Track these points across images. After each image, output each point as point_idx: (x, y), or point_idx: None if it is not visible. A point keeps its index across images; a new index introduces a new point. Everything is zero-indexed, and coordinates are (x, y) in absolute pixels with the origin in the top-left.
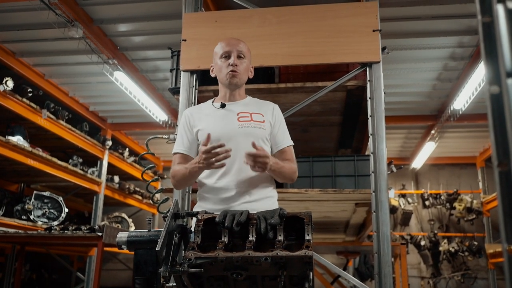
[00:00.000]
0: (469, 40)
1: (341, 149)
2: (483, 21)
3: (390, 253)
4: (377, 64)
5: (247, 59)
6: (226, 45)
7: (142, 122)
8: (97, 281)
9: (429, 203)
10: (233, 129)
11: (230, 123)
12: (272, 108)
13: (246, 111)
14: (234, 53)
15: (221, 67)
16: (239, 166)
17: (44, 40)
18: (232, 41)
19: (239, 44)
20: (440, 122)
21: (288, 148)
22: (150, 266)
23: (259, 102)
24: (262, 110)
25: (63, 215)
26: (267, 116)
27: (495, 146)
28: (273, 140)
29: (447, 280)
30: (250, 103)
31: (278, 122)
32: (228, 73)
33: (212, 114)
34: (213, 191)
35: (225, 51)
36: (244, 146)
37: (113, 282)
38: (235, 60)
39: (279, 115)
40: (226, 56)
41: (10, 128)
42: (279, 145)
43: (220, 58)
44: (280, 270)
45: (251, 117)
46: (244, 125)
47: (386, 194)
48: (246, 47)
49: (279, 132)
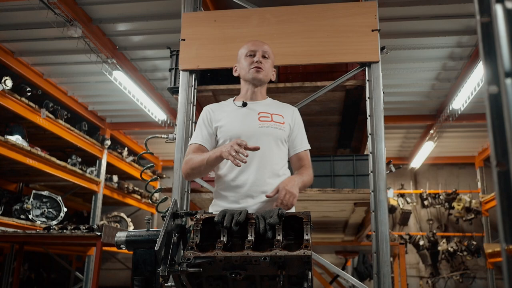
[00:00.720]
0: (467, 40)
1: (340, 148)
2: (482, 21)
3: (389, 252)
4: (376, 64)
5: (271, 59)
6: (252, 45)
7: (141, 121)
8: (95, 281)
9: (428, 202)
10: (253, 128)
11: (251, 122)
12: (292, 111)
13: (267, 111)
14: (259, 52)
15: (246, 64)
16: (257, 165)
17: (43, 40)
18: (257, 42)
19: (264, 45)
20: (439, 122)
21: (305, 152)
22: (149, 266)
23: (279, 104)
24: (283, 112)
25: (62, 215)
26: (287, 118)
27: (494, 146)
28: (291, 144)
29: (445, 280)
30: (270, 104)
31: (297, 125)
32: (252, 68)
33: (233, 112)
34: (230, 189)
35: (250, 50)
36: (263, 146)
37: (112, 282)
38: (260, 58)
39: (298, 118)
40: (251, 55)
41: (9, 128)
42: (297, 149)
43: (245, 57)
44: (279, 270)
45: (272, 118)
46: (264, 124)
47: (385, 193)
48: (270, 49)
49: (298, 136)
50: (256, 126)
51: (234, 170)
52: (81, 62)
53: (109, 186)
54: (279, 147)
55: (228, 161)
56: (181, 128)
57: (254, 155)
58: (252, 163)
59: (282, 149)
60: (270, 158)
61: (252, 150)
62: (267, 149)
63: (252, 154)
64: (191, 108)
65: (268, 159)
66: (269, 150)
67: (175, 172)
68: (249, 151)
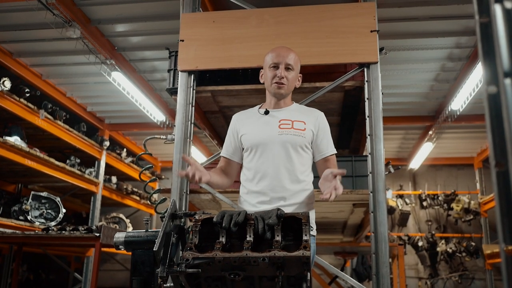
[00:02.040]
0: (466, 41)
1: (338, 149)
2: (481, 21)
3: (388, 253)
4: (375, 65)
5: (295, 70)
6: (275, 56)
7: (140, 122)
8: (94, 282)
9: (427, 203)
10: (272, 136)
11: (271, 130)
12: (316, 116)
13: (289, 118)
14: (282, 65)
15: (269, 76)
16: (277, 172)
17: (42, 41)
18: (282, 53)
19: (288, 55)
20: (438, 123)
21: (331, 156)
22: (147, 267)
23: (304, 110)
24: (306, 118)
25: (61, 216)
26: (309, 124)
27: (493, 146)
28: (317, 148)
29: (444, 281)
30: (294, 110)
31: (322, 130)
32: (274, 83)
33: (256, 120)
34: (251, 195)
35: (274, 62)
36: (282, 153)
37: (110, 283)
38: (282, 72)
39: (323, 123)
40: (275, 67)
41: (7, 129)
42: (323, 153)
43: (269, 68)
44: (277, 271)
45: (292, 125)
46: (284, 132)
47: (384, 194)
48: (295, 58)
49: (323, 140)
50: (275, 134)
51: (256, 177)
52: (79, 63)
53: (108, 187)
54: (298, 153)
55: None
56: (179, 129)
57: (273, 162)
58: (272, 170)
59: (303, 155)
60: (290, 165)
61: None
62: (286, 156)
63: (271, 161)
64: (190, 109)
65: (288, 166)
66: (288, 157)
67: (174, 173)
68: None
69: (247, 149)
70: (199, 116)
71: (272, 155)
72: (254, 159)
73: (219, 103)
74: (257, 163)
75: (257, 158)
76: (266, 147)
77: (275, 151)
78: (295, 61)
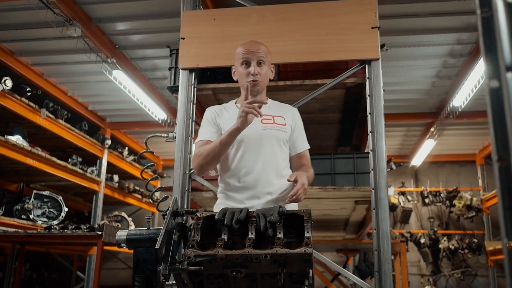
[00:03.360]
0: (468, 37)
1: (340, 146)
2: (483, 15)
3: (390, 250)
4: (376, 62)
5: (267, 63)
6: (245, 53)
7: (141, 121)
8: (97, 280)
9: (429, 200)
10: (257, 131)
11: (254, 125)
12: (293, 112)
13: (269, 113)
14: (254, 61)
15: (242, 74)
16: (263, 167)
17: (43, 39)
18: (251, 48)
19: (259, 50)
20: (440, 120)
21: (305, 152)
22: (149, 264)
23: (280, 105)
24: (284, 113)
25: (63, 214)
26: (288, 119)
27: (495, 141)
28: (292, 144)
29: (447, 278)
30: (271, 106)
31: (298, 126)
32: (249, 82)
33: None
34: (236, 190)
35: (244, 59)
36: (268, 148)
37: (113, 281)
38: (255, 68)
39: (298, 119)
40: (247, 64)
41: (9, 128)
42: (298, 149)
43: (240, 65)
44: (279, 268)
45: (274, 120)
46: (267, 127)
47: (386, 191)
48: (265, 50)
49: (299, 136)
50: (259, 129)
51: (240, 172)
52: (80, 61)
53: (109, 185)
54: (281, 149)
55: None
56: (181, 127)
57: (259, 157)
58: (257, 164)
59: (285, 150)
60: (275, 160)
61: (260, 103)
62: (271, 151)
63: (256, 156)
64: (191, 107)
65: (273, 161)
66: (273, 152)
67: (176, 171)
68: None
69: None
70: (200, 114)
71: (257, 151)
72: (238, 154)
73: (220, 101)
74: (242, 158)
75: (241, 153)
76: (251, 143)
77: (260, 146)
78: (265, 54)
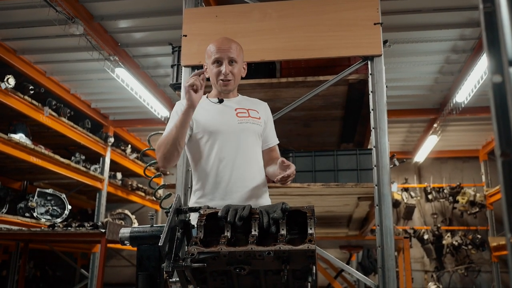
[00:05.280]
0: (471, 33)
1: (343, 143)
2: (485, 10)
3: (393, 247)
4: (378, 58)
5: (239, 61)
6: (216, 51)
7: (144, 118)
8: (101, 278)
9: (432, 196)
10: (233, 124)
11: (230, 119)
12: (264, 106)
13: (243, 107)
14: (225, 60)
15: (213, 72)
16: (242, 160)
17: (45, 38)
18: (222, 46)
19: (230, 49)
20: (443, 116)
21: (276, 146)
22: (153, 262)
23: (251, 100)
24: (257, 107)
25: (66, 212)
26: (261, 113)
27: (498, 136)
28: (265, 138)
29: (450, 274)
30: (243, 101)
31: (269, 120)
32: (220, 81)
33: (210, 109)
34: (213, 186)
35: (216, 57)
36: (245, 141)
37: (117, 279)
38: (227, 68)
39: (270, 113)
40: (218, 62)
41: (12, 126)
42: (270, 143)
43: (212, 64)
44: (283, 264)
45: (249, 113)
46: (243, 120)
47: (389, 188)
48: (237, 48)
49: (271, 130)
50: (235, 122)
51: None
52: (83, 59)
53: (113, 183)
54: (257, 142)
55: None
56: None
57: (237, 151)
58: (236, 158)
59: (259, 143)
60: (253, 153)
61: (198, 74)
62: (249, 144)
63: (235, 150)
64: None
65: (251, 154)
66: (251, 145)
67: (178, 168)
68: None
69: (202, 137)
70: None
71: (235, 144)
72: (214, 149)
73: None
74: (220, 152)
75: (218, 147)
76: (228, 136)
77: (238, 139)
78: (237, 52)
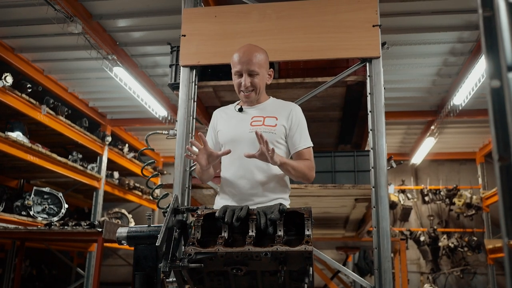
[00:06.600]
0: (469, 35)
1: (340, 144)
2: (484, 15)
3: (390, 248)
4: (377, 60)
5: (261, 71)
6: (237, 63)
7: (142, 118)
8: (97, 277)
9: (429, 198)
10: (243, 133)
11: (242, 127)
12: (289, 110)
13: (261, 115)
14: (245, 73)
15: (236, 83)
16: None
17: (43, 36)
18: (243, 58)
19: (250, 61)
20: (440, 118)
21: (305, 150)
22: (150, 261)
23: (278, 105)
24: (279, 113)
25: (63, 211)
26: (281, 119)
27: (496, 140)
28: (290, 142)
29: (446, 276)
30: (268, 106)
31: (295, 124)
32: (241, 92)
33: (231, 117)
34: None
35: (237, 70)
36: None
37: (113, 278)
38: (246, 80)
39: (296, 117)
40: (239, 74)
41: (9, 124)
42: (297, 147)
43: (234, 74)
44: (280, 265)
45: (263, 122)
46: (254, 129)
47: (386, 189)
48: (259, 58)
49: (296, 134)
50: (246, 131)
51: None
52: (81, 58)
53: (110, 182)
54: None
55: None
56: (181, 124)
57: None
58: (250, 166)
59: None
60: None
61: (192, 144)
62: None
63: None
64: (191, 104)
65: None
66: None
67: (176, 168)
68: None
69: (222, 144)
70: (201, 111)
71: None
72: (232, 156)
73: (221, 98)
74: (234, 159)
75: (235, 155)
76: (241, 144)
77: (249, 148)
78: (259, 63)
